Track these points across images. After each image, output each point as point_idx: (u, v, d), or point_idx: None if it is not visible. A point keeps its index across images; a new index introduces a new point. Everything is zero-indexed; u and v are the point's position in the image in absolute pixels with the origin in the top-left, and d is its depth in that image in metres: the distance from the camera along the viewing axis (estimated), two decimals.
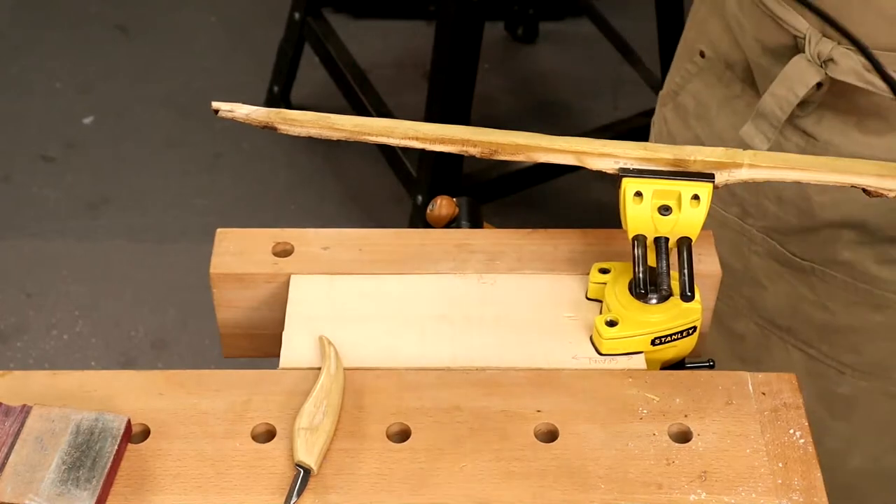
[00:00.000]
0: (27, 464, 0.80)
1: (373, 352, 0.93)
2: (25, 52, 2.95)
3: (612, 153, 0.92)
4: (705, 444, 0.85)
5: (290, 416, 0.85)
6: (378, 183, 2.62)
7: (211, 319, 1.05)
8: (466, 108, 2.21)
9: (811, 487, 0.82)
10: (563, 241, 1.03)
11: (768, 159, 0.91)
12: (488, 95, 2.66)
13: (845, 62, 1.03)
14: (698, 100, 1.24)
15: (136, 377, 0.89)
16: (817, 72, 1.05)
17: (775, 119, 1.09)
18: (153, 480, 0.82)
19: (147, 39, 3.01)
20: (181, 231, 2.51)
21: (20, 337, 2.29)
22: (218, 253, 1.01)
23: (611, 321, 0.92)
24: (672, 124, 1.29)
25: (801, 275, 1.04)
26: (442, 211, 1.11)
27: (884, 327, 1.16)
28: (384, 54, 2.93)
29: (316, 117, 0.93)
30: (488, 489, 0.82)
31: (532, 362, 0.92)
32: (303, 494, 0.81)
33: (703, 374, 0.91)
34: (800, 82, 1.06)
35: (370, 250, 1.01)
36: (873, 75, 1.01)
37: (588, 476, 0.83)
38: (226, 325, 1.03)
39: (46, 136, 2.72)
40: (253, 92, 2.80)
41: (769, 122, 1.09)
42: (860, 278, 1.15)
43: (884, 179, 0.90)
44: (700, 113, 1.24)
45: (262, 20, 3.04)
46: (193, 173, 2.65)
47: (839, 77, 1.04)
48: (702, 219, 0.92)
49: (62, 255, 2.44)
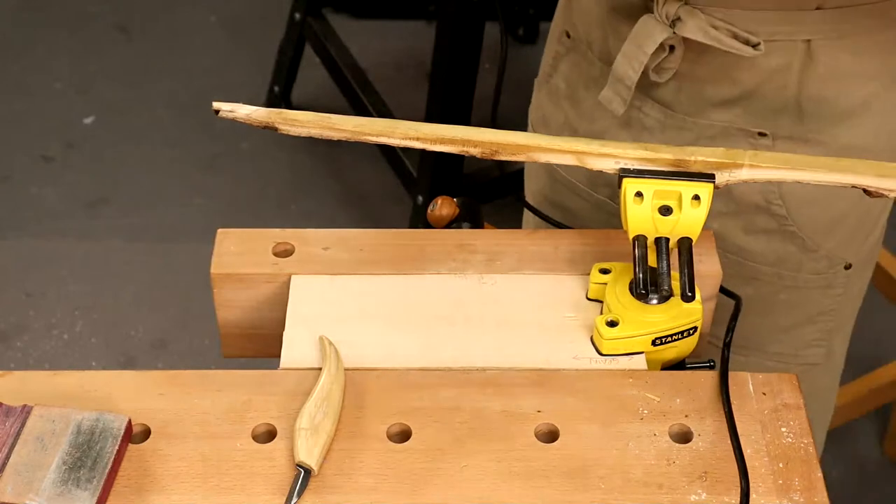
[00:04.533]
0: (28, 464, 0.80)
1: (373, 352, 0.93)
2: (25, 52, 2.95)
3: (612, 153, 0.92)
4: (706, 445, 0.85)
5: (291, 417, 0.85)
6: (378, 183, 2.62)
7: (211, 319, 1.05)
8: (467, 108, 2.21)
9: (811, 487, 0.82)
10: (564, 242, 1.03)
11: (769, 159, 0.91)
12: (488, 95, 2.66)
13: (691, 20, 1.04)
14: (567, 81, 1.25)
15: (136, 377, 0.89)
16: (665, 30, 1.06)
17: (629, 79, 1.10)
18: (154, 480, 0.82)
19: (147, 39, 3.01)
20: (181, 231, 2.51)
21: (20, 337, 2.29)
22: (218, 253, 1.01)
23: (611, 321, 0.92)
24: (546, 108, 1.29)
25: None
26: (442, 211, 1.11)
27: (754, 300, 1.16)
28: (384, 54, 2.93)
29: (316, 117, 0.93)
30: (489, 489, 0.82)
31: (533, 362, 0.92)
32: (303, 495, 0.81)
33: (703, 375, 0.91)
34: (648, 39, 1.07)
35: (370, 250, 1.01)
36: (720, 32, 1.03)
37: (588, 476, 0.83)
38: (226, 325, 1.03)
39: (46, 136, 2.72)
40: (253, 92, 2.80)
41: (624, 83, 1.10)
42: (730, 248, 1.15)
43: (884, 179, 0.91)
44: (569, 94, 1.24)
45: (262, 20, 3.04)
46: (193, 173, 2.65)
47: (686, 34, 1.05)
48: (702, 219, 0.92)
49: (62, 255, 2.44)
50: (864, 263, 1.22)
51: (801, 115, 1.08)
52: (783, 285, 1.18)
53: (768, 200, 1.12)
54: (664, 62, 1.09)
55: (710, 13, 1.04)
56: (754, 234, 1.15)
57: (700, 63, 1.08)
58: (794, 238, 1.14)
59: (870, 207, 1.17)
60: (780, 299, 1.19)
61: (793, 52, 1.05)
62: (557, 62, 1.26)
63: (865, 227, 1.19)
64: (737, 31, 1.03)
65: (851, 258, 1.19)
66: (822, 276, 1.18)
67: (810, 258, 1.16)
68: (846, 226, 1.16)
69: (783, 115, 1.08)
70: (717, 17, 1.04)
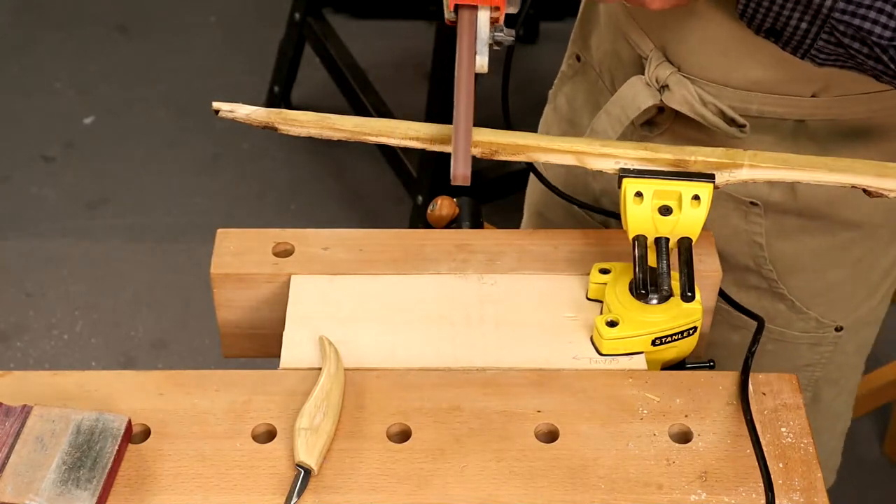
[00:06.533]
0: (28, 464, 0.80)
1: (373, 352, 0.93)
2: (25, 52, 2.95)
3: (612, 153, 0.92)
4: (705, 445, 0.85)
5: (291, 417, 0.85)
6: (378, 183, 2.61)
7: (211, 319, 1.05)
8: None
9: (811, 487, 0.82)
10: (564, 242, 1.03)
11: (768, 159, 0.91)
12: (488, 95, 2.66)
13: (679, 90, 1.02)
14: (570, 103, 1.23)
15: (136, 377, 0.89)
16: (653, 95, 1.04)
17: (606, 138, 1.07)
18: (153, 480, 0.82)
19: (147, 39, 3.01)
20: (181, 231, 2.51)
21: (20, 337, 2.29)
22: (218, 253, 1.01)
23: (611, 321, 0.92)
24: (550, 123, 1.29)
25: None
26: (443, 211, 1.11)
27: (741, 346, 1.16)
28: (384, 54, 2.93)
29: (316, 117, 0.93)
30: (489, 489, 0.82)
31: (532, 362, 0.92)
32: (303, 495, 0.81)
33: (703, 375, 0.91)
34: (632, 104, 1.06)
35: (370, 250, 1.01)
36: (706, 108, 1.01)
37: (588, 476, 0.83)
38: (226, 325, 1.03)
39: (46, 136, 2.72)
40: (253, 92, 2.80)
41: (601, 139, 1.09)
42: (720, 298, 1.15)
43: (884, 179, 0.90)
44: (570, 116, 1.23)
45: (262, 20, 3.03)
46: (193, 173, 2.65)
47: (672, 105, 1.03)
48: (702, 219, 0.92)
49: (62, 254, 2.44)
50: (860, 325, 1.21)
51: (793, 188, 1.06)
52: (770, 338, 1.17)
53: (758, 264, 1.11)
54: (656, 118, 1.07)
55: (702, 85, 1.02)
56: (745, 289, 1.14)
57: (691, 127, 1.05)
58: (784, 299, 1.14)
59: (867, 275, 1.15)
60: (767, 349, 1.17)
61: (784, 130, 1.03)
62: (563, 83, 1.25)
63: (859, 294, 1.17)
64: (724, 108, 1.01)
65: (843, 321, 1.17)
66: (811, 334, 1.17)
67: (800, 318, 1.16)
68: (839, 292, 1.15)
69: (776, 186, 1.06)
70: (708, 90, 1.02)
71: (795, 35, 0.90)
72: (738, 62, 0.99)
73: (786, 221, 1.08)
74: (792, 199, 1.06)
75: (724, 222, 1.09)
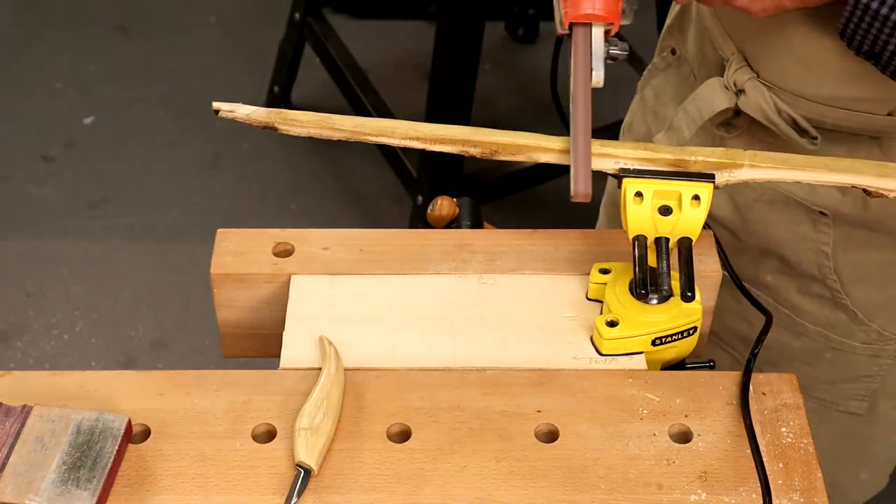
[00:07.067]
0: (28, 464, 0.80)
1: (373, 352, 0.93)
2: (25, 52, 2.95)
3: (612, 153, 0.92)
4: (705, 445, 0.85)
5: (291, 417, 0.85)
6: (378, 183, 2.61)
7: (211, 319, 1.05)
8: (467, 108, 2.21)
9: (811, 487, 0.82)
10: (564, 242, 1.03)
11: (769, 159, 0.91)
12: (488, 95, 2.66)
13: (755, 96, 1.02)
14: (657, 96, 1.24)
15: (136, 377, 0.89)
16: (728, 98, 1.05)
17: (682, 135, 1.08)
18: (153, 480, 0.82)
19: (147, 39, 3.01)
20: (181, 231, 2.51)
21: (20, 337, 2.29)
22: (218, 253, 1.01)
23: (611, 321, 0.92)
24: (635, 115, 1.29)
25: (728, 285, 1.04)
26: (442, 211, 1.11)
27: (801, 351, 1.17)
28: (384, 54, 2.93)
29: (316, 117, 0.93)
30: (489, 489, 0.82)
31: (532, 362, 0.92)
32: (303, 495, 0.81)
33: (703, 375, 0.91)
34: (707, 105, 1.06)
35: (370, 250, 1.01)
36: (780, 117, 1.01)
37: (588, 476, 0.83)
38: (226, 325, 1.03)
39: (46, 136, 2.72)
40: (253, 92, 2.80)
41: (678, 135, 1.09)
42: (783, 303, 1.15)
43: (884, 179, 0.90)
44: (656, 108, 1.24)
45: (262, 20, 3.03)
46: (193, 173, 2.65)
47: (746, 110, 1.03)
48: (702, 219, 0.92)
49: (62, 254, 2.44)
50: None
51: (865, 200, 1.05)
52: (830, 346, 1.17)
53: (823, 274, 1.12)
54: (732, 120, 1.08)
55: (778, 93, 1.02)
56: (808, 297, 1.14)
57: (766, 132, 1.06)
58: (846, 309, 1.14)
59: None
60: (826, 357, 1.18)
61: (858, 145, 1.02)
62: (652, 75, 1.25)
63: None
64: (798, 118, 1.01)
65: None
66: (871, 346, 1.17)
67: (861, 329, 1.15)
68: None
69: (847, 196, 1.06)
70: (784, 99, 1.02)
71: (894, 59, 0.90)
72: (817, 76, 1.00)
73: (853, 233, 1.08)
74: (862, 211, 1.06)
75: (793, 230, 1.10)
